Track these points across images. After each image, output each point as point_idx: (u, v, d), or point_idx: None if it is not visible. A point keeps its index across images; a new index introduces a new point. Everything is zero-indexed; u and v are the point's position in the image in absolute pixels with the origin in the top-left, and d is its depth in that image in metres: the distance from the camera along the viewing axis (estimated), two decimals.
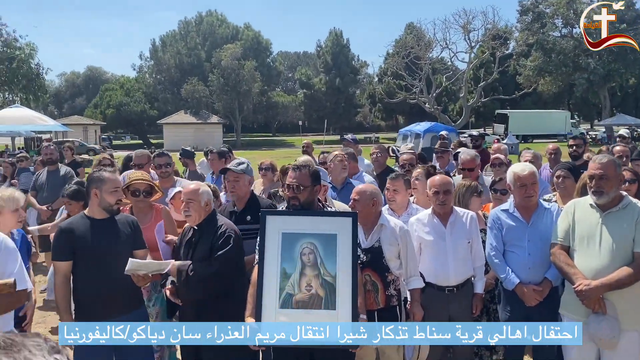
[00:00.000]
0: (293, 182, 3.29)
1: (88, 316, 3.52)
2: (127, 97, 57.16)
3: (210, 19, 63.38)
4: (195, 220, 3.67)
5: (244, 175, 4.23)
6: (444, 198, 4.04)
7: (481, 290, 4.18)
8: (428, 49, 38.41)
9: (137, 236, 3.76)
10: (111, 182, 3.61)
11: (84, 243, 3.53)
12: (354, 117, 63.56)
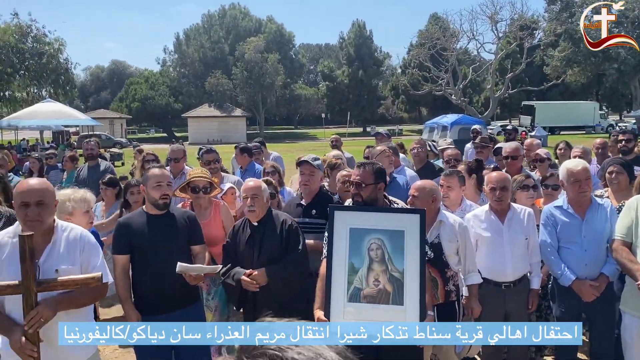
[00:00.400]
0: (356, 179, 3.36)
1: (147, 310, 3.61)
2: (152, 90, 57.77)
3: (234, 12, 63.63)
4: (258, 216, 3.73)
5: (319, 171, 4.32)
6: (500, 194, 4.04)
7: (537, 286, 4.20)
8: (454, 39, 37.97)
9: (194, 231, 3.78)
10: (154, 178, 3.66)
11: (140, 238, 3.61)
12: (376, 110, 63.24)
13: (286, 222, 3.74)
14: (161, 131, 62.41)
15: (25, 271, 2.62)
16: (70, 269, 2.85)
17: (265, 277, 3.57)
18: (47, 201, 2.83)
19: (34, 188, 2.82)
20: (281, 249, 3.67)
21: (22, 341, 2.65)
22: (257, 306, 3.67)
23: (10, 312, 2.80)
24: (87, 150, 7.71)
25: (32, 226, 2.77)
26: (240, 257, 3.75)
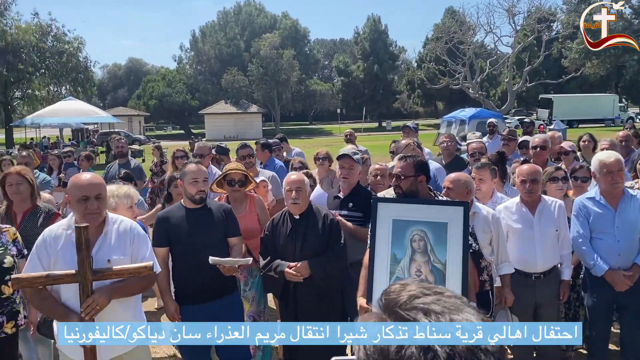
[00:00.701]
0: (397, 171, 3.43)
1: (186, 300, 3.76)
2: (168, 88, 58.22)
3: (249, 8, 63.83)
4: (302, 209, 3.80)
5: (358, 165, 4.41)
6: (530, 187, 4.11)
7: (568, 277, 4.26)
8: (471, 33, 37.70)
9: (230, 224, 3.87)
10: (191, 174, 3.78)
11: (178, 231, 3.74)
12: (392, 104, 63.06)
13: (327, 216, 3.83)
14: (178, 128, 62.91)
15: (81, 261, 2.74)
16: (122, 259, 2.97)
17: (308, 270, 3.65)
18: (104, 195, 2.98)
19: (93, 182, 2.96)
20: (323, 242, 3.74)
21: None
22: (298, 298, 3.76)
23: (66, 300, 2.94)
24: (117, 147, 7.90)
25: (92, 218, 2.90)
26: (281, 250, 3.81)
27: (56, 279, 2.77)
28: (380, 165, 4.98)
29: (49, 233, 3.00)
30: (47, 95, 37.30)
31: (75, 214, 2.95)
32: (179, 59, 65.65)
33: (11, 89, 36.74)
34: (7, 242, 3.60)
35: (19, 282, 2.75)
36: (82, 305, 2.77)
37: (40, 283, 2.78)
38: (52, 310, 2.96)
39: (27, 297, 3.02)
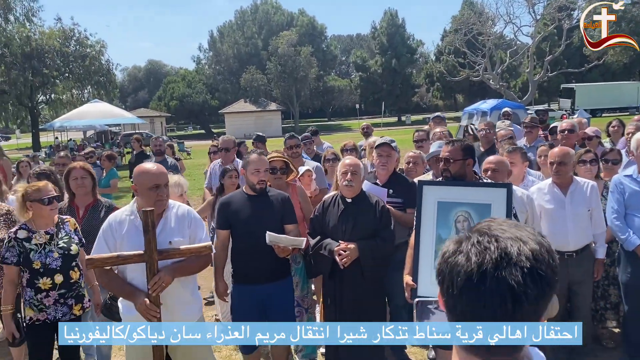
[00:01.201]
0: (446, 155, 3.55)
1: (241, 280, 3.98)
2: (189, 88, 58.90)
3: (266, 7, 64.21)
4: (355, 192, 3.90)
5: (395, 152, 4.54)
6: (557, 169, 4.21)
7: (602, 255, 4.34)
8: (490, 24, 37.39)
9: (287, 211, 4.05)
10: (253, 164, 3.98)
11: (238, 215, 3.95)
12: (411, 98, 62.84)
13: (379, 203, 3.94)
14: (199, 128, 63.58)
15: (148, 242, 2.94)
16: (181, 241, 3.17)
17: (357, 252, 3.75)
18: (168, 183, 3.21)
19: (162, 172, 3.20)
20: (373, 227, 3.85)
21: (147, 303, 2.98)
22: (344, 279, 3.87)
23: (132, 280, 3.15)
24: (155, 146, 8.17)
25: (161, 204, 3.13)
26: (331, 231, 3.92)
27: (125, 259, 2.98)
28: (414, 153, 5.10)
29: (114, 218, 3.21)
30: (71, 99, 37.99)
31: (145, 200, 3.14)
32: (198, 59, 66.44)
33: (36, 93, 37.56)
34: (70, 231, 3.84)
35: (92, 263, 2.96)
36: (149, 283, 2.97)
37: (112, 263, 3.00)
38: (120, 289, 3.17)
39: (97, 277, 3.27)
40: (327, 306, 4.04)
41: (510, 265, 0.97)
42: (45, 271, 3.60)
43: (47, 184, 3.80)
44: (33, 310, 3.63)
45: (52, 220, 3.76)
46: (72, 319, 3.73)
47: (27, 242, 3.62)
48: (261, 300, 3.93)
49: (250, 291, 3.92)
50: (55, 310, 3.65)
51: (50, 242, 3.67)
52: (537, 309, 0.99)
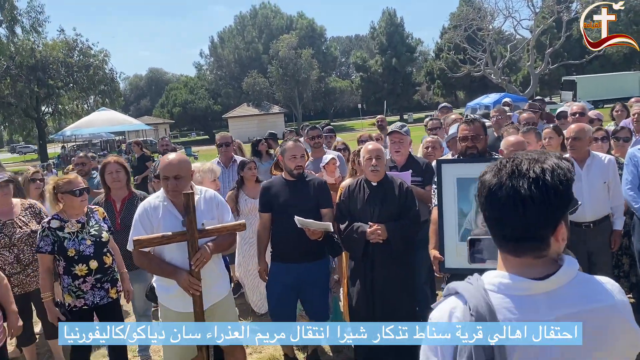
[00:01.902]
0: (470, 133, 3.74)
1: (281, 259, 4.22)
2: (191, 94, 59.21)
3: (265, 11, 64.58)
4: (380, 176, 4.06)
5: (407, 137, 4.76)
6: (573, 144, 4.40)
7: (620, 227, 4.48)
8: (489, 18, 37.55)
9: (323, 196, 4.26)
10: (290, 151, 4.21)
11: (278, 199, 4.19)
12: (412, 97, 63.03)
13: (403, 185, 4.10)
14: (202, 134, 63.84)
15: (189, 221, 3.19)
16: (212, 222, 3.41)
17: (386, 232, 3.89)
18: (183, 174, 3.37)
19: (173, 165, 3.36)
20: (399, 208, 4.00)
21: (191, 278, 3.22)
22: (375, 261, 3.98)
23: (171, 260, 3.38)
24: (162, 146, 8.33)
25: (174, 194, 3.35)
26: (359, 214, 4.04)
27: (170, 238, 3.21)
28: (432, 138, 5.33)
29: (148, 205, 3.44)
30: (76, 109, 38.28)
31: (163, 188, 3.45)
32: (199, 65, 66.88)
33: (41, 104, 37.87)
34: (99, 219, 4.04)
35: (140, 243, 3.16)
36: (192, 259, 3.22)
37: (157, 243, 3.21)
38: (160, 269, 3.38)
39: (137, 260, 3.45)
40: (354, 287, 4.12)
41: (520, 176, 1.22)
42: (79, 258, 3.76)
43: (77, 177, 3.97)
44: (71, 296, 3.80)
45: (83, 210, 3.94)
46: (110, 302, 3.94)
47: (60, 231, 3.78)
48: (296, 279, 4.15)
49: (286, 269, 4.16)
50: (93, 295, 3.83)
51: (82, 231, 3.85)
52: (547, 214, 1.22)
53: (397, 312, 3.97)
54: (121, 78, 44.59)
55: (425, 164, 4.77)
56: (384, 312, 3.94)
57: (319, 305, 4.30)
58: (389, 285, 3.99)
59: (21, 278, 4.33)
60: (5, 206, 4.38)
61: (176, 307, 3.44)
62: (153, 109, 65.61)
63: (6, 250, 4.28)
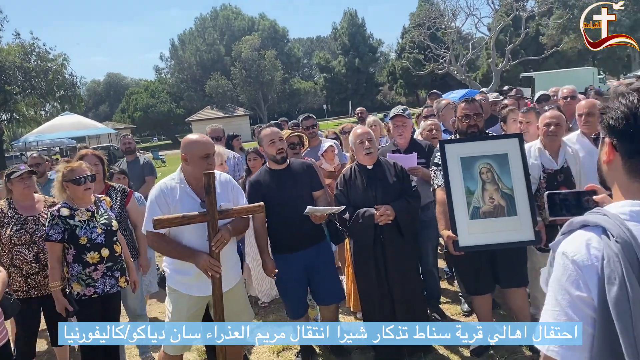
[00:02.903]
0: (472, 112, 3.82)
1: (281, 250, 4.10)
2: (152, 98, 58.26)
3: (226, 12, 64.08)
4: (374, 159, 4.06)
5: (410, 120, 4.79)
6: (586, 119, 4.35)
7: None
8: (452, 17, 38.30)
9: (313, 178, 4.17)
10: (267, 137, 4.06)
11: (269, 190, 4.04)
12: (376, 97, 63.65)
13: (396, 165, 4.11)
14: (164, 139, 62.82)
15: (210, 202, 3.14)
16: (228, 205, 3.39)
17: (393, 212, 3.86)
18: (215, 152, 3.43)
19: (211, 142, 3.39)
20: (398, 188, 3.99)
21: (211, 259, 3.18)
22: (386, 244, 3.94)
23: (188, 242, 3.32)
24: (124, 144, 7.43)
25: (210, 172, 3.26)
26: (360, 200, 3.98)
27: (190, 218, 3.15)
28: (433, 121, 5.42)
29: (164, 186, 3.39)
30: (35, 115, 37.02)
31: (196, 168, 3.34)
32: (159, 69, 65.79)
33: None
34: (107, 209, 3.95)
35: (160, 223, 3.10)
36: (213, 240, 3.18)
37: (178, 223, 3.16)
38: (179, 251, 3.32)
39: (153, 244, 3.38)
40: (365, 274, 4.06)
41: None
42: (91, 246, 3.68)
43: (82, 164, 3.84)
44: (81, 285, 3.70)
45: (90, 199, 3.84)
46: (117, 291, 3.87)
47: (71, 219, 3.69)
48: (305, 266, 4.08)
49: (293, 259, 4.05)
50: (103, 284, 3.74)
51: (93, 219, 3.76)
52: None
53: (411, 295, 4.01)
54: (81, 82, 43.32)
55: (428, 145, 4.82)
56: (401, 296, 3.96)
57: (333, 287, 4.20)
58: (402, 269, 3.98)
59: (39, 279, 4.08)
60: (28, 200, 4.19)
61: (191, 290, 3.40)
62: (113, 114, 64.21)
63: (25, 248, 4.06)
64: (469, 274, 4.01)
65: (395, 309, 3.97)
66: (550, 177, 3.96)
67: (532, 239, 3.62)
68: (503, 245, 3.66)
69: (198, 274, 3.26)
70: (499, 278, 3.96)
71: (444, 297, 5.32)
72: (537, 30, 45.59)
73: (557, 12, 40.12)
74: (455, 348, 4.24)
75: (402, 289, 3.97)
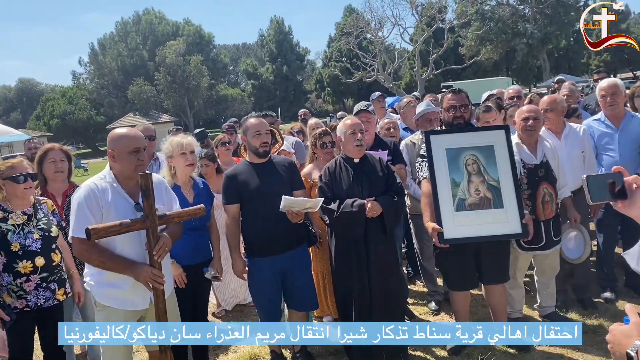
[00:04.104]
0: (458, 103, 3.79)
1: (257, 253, 3.81)
2: (70, 105, 55.30)
3: (149, 17, 61.99)
4: (363, 152, 3.90)
5: (374, 116, 4.71)
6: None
7: None
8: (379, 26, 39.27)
9: (294, 177, 3.94)
10: (253, 127, 3.79)
11: (247, 186, 3.77)
12: (304, 104, 63.95)
13: (382, 160, 3.99)
14: (82, 147, 59.64)
15: (149, 207, 2.84)
16: (163, 208, 3.05)
17: (380, 207, 3.72)
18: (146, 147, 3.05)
19: (140, 135, 3.02)
20: (385, 183, 3.86)
21: (154, 270, 2.86)
22: (369, 239, 3.79)
23: (122, 252, 2.93)
24: (29, 149, 6.88)
25: (142, 169, 2.97)
26: (347, 193, 3.80)
27: (129, 226, 2.82)
28: (390, 119, 5.38)
29: (94, 187, 2.94)
30: None
31: (124, 166, 2.98)
32: (76, 75, 62.63)
33: None
34: (48, 212, 3.58)
35: (96, 232, 2.71)
36: (155, 248, 2.87)
37: (116, 232, 2.79)
38: (116, 263, 2.91)
39: (83, 255, 2.93)
40: (345, 272, 3.89)
41: None
42: (24, 254, 3.30)
43: (22, 161, 3.47)
44: (11, 296, 3.31)
45: (29, 200, 3.47)
46: (55, 305, 3.47)
47: (3, 223, 3.31)
48: (281, 271, 3.83)
49: (270, 263, 3.79)
50: (36, 296, 3.36)
51: (29, 223, 3.39)
52: None
53: (391, 293, 3.87)
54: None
55: (392, 142, 4.76)
56: (380, 294, 3.81)
57: (308, 293, 3.98)
58: (384, 265, 3.84)
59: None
60: None
61: (125, 305, 3.00)
62: (26, 122, 60.31)
63: None
64: (454, 269, 3.95)
65: (372, 308, 3.82)
66: (530, 172, 3.98)
67: (518, 232, 3.64)
68: (489, 238, 3.66)
69: (134, 285, 2.93)
70: (483, 274, 3.95)
71: (409, 298, 5.27)
72: (456, 41, 47.67)
73: (475, 24, 42.09)
74: (430, 349, 4.18)
75: (382, 288, 3.83)
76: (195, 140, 4.11)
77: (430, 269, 5.02)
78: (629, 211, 1.63)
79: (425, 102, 5.49)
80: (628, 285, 4.96)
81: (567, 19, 40.77)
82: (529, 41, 41.25)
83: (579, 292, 4.74)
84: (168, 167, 3.96)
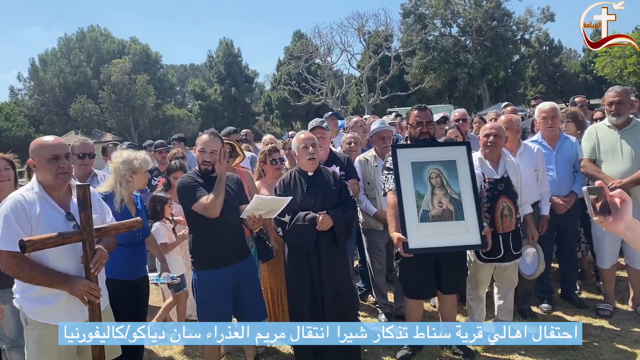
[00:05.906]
0: (424, 119, 4.00)
1: (209, 265, 3.80)
2: (7, 122, 52.83)
3: (94, 34, 60.56)
4: (316, 166, 4.05)
5: (328, 132, 4.89)
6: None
7: (546, 212, 4.82)
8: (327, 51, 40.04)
9: (241, 192, 4.02)
10: (199, 144, 3.85)
11: None
12: (252, 126, 63.90)
13: (335, 173, 4.17)
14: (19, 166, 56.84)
15: (86, 218, 2.82)
16: (97, 218, 3.03)
17: (331, 220, 3.87)
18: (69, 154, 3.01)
19: (61, 142, 2.98)
20: (337, 197, 4.02)
21: (90, 283, 2.83)
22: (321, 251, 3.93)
23: (55, 266, 2.88)
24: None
25: (65, 177, 2.94)
26: (301, 206, 3.93)
27: (66, 237, 2.78)
28: (353, 134, 5.56)
29: (21, 197, 2.85)
30: None
31: (46, 174, 2.91)
32: (14, 90, 60.12)
33: None
34: None
35: (32, 244, 2.63)
36: (92, 261, 2.85)
37: (53, 244, 2.72)
38: (50, 278, 2.83)
39: (13, 269, 2.80)
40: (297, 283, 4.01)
41: None
42: None
43: None
44: None
45: None
46: None
47: None
48: (233, 282, 3.84)
49: (223, 274, 3.79)
50: None
51: None
52: None
53: (343, 303, 4.01)
54: None
55: (346, 158, 4.93)
56: (332, 304, 3.94)
57: (258, 304, 4.02)
58: (335, 276, 3.97)
59: None
60: None
61: (62, 318, 2.91)
62: None
63: None
64: (415, 278, 4.12)
65: (324, 309, 3.94)
66: (491, 186, 4.21)
67: (478, 243, 3.86)
68: (450, 249, 3.87)
69: (68, 298, 2.87)
70: (441, 284, 4.13)
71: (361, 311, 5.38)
72: (402, 69, 49.28)
73: (419, 53, 43.65)
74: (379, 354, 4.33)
75: (333, 297, 3.95)
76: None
77: (381, 282, 5.20)
78: (615, 227, 1.60)
79: (379, 120, 5.74)
80: (563, 296, 5.35)
81: (505, 51, 43.09)
82: (470, 71, 43.16)
83: (520, 303, 4.99)
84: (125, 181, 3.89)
